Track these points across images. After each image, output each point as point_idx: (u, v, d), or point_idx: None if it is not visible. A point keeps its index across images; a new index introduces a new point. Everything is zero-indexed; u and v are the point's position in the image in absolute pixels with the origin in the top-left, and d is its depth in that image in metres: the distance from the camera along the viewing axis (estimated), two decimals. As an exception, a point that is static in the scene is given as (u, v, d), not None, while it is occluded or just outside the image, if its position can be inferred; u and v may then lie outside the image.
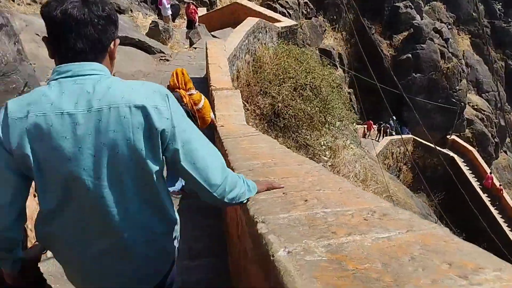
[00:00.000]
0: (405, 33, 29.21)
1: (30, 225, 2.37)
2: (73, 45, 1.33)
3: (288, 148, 3.48)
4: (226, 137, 3.94)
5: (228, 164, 2.49)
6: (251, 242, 1.44)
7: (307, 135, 13.22)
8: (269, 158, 2.54)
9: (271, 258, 1.02)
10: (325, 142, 14.46)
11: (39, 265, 1.91)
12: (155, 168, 1.37)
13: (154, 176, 1.39)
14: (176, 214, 1.62)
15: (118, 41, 1.46)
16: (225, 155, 2.97)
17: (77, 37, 1.32)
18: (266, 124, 12.26)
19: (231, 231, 3.37)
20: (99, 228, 1.40)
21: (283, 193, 1.60)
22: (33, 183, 1.44)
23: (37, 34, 9.46)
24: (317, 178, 1.85)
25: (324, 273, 0.88)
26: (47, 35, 1.37)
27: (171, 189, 4.93)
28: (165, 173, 1.55)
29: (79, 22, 1.31)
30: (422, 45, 28.71)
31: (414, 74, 28.94)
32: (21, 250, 1.53)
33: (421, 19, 29.80)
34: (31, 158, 1.29)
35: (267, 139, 3.76)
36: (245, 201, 1.57)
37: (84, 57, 1.35)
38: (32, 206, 2.21)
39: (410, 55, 28.70)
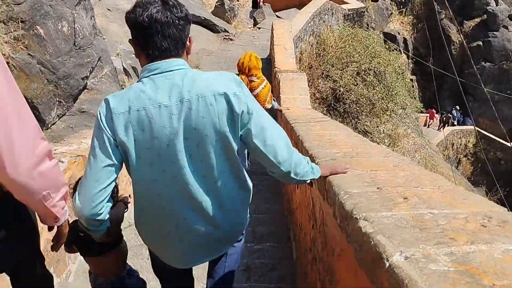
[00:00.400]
0: (477, 20, 27.59)
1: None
2: (159, 45, 1.50)
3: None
4: (295, 122, 3.87)
5: (306, 153, 2.42)
6: (345, 239, 1.37)
7: (367, 122, 12.89)
8: (349, 147, 2.44)
9: (385, 262, 0.95)
10: (384, 129, 14.08)
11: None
12: (236, 145, 1.58)
13: (235, 152, 1.60)
14: (250, 182, 1.82)
15: (192, 38, 1.63)
16: (298, 141, 2.90)
17: (163, 37, 1.49)
18: (325, 109, 12.07)
19: (298, 219, 3.32)
20: (191, 198, 1.59)
21: (378, 188, 1.51)
22: None
23: (108, 9, 9.72)
24: (409, 173, 1.74)
25: (458, 287, 0.80)
26: (133, 38, 1.55)
27: None
28: None
29: (164, 24, 1.47)
30: (494, 32, 27.02)
31: (483, 63, 27.39)
32: (108, 221, 1.67)
33: (496, 5, 28.01)
34: (134, 146, 1.50)
35: (339, 125, 3.65)
36: (308, 181, 1.73)
37: (169, 54, 1.53)
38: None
39: (480, 43, 27.15)
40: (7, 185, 1.34)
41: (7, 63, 5.15)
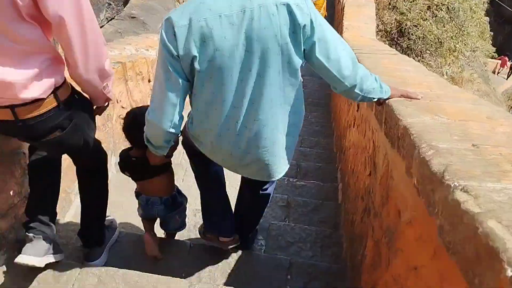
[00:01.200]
0: None
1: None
2: None
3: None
4: (360, 52, 3.43)
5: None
6: (423, 206, 1.05)
7: (431, 61, 12.01)
8: (425, 87, 2.04)
9: (505, 266, 0.64)
10: (448, 71, 13.14)
11: None
12: (298, 61, 1.53)
13: (296, 69, 1.55)
14: (304, 107, 1.78)
15: None
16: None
17: None
18: (388, 43, 11.26)
19: (351, 160, 3.02)
20: (247, 114, 1.58)
21: (473, 145, 1.16)
22: None
23: None
24: (510, 129, 1.37)
25: None
26: None
27: None
28: None
29: None
30: None
31: None
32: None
33: None
34: (197, 59, 1.45)
35: (412, 61, 3.18)
36: (375, 99, 1.70)
37: None
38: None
39: None
40: (75, 81, 1.64)
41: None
